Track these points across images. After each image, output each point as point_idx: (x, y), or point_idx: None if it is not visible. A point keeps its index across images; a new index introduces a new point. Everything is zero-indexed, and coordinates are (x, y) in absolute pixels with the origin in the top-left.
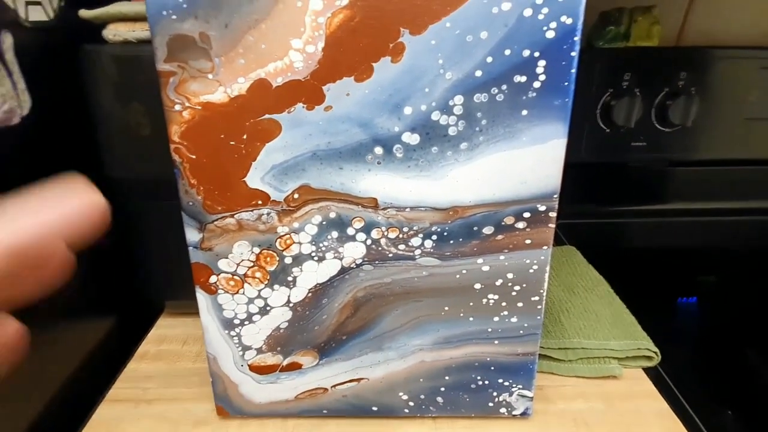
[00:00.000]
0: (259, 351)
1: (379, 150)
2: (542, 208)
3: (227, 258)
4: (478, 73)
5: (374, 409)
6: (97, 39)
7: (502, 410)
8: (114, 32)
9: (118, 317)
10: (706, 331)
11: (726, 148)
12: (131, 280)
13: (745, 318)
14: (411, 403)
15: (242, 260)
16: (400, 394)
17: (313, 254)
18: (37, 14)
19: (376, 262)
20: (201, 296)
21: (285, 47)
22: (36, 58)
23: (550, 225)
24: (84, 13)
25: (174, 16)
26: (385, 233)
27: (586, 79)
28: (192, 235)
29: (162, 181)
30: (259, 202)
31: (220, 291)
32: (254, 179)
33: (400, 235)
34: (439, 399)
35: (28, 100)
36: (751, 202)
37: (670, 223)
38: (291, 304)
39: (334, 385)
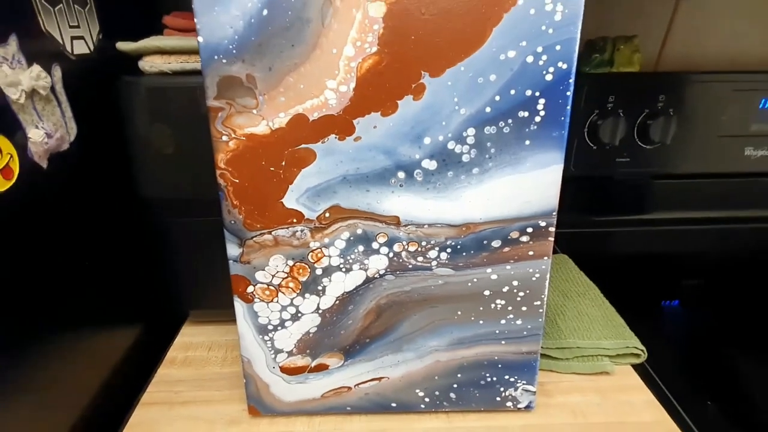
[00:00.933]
0: (290, 354)
1: (401, 174)
2: (543, 224)
3: (264, 270)
4: (488, 109)
5: (393, 405)
6: (132, 69)
7: (509, 404)
8: (150, 64)
9: (145, 326)
10: (688, 331)
11: (702, 163)
12: (158, 290)
13: (723, 318)
14: (427, 399)
15: (277, 272)
16: (417, 391)
17: (341, 266)
18: (81, 47)
19: (398, 272)
20: (238, 305)
21: (321, 87)
22: (79, 88)
23: (549, 238)
24: (122, 45)
25: (224, 60)
26: (406, 247)
27: (575, 101)
28: (233, 250)
29: (190, 200)
30: (294, 220)
31: (256, 300)
32: (290, 200)
33: (419, 249)
34: (452, 395)
35: (74, 127)
36: (726, 212)
37: (653, 232)
38: (320, 311)
39: (358, 384)
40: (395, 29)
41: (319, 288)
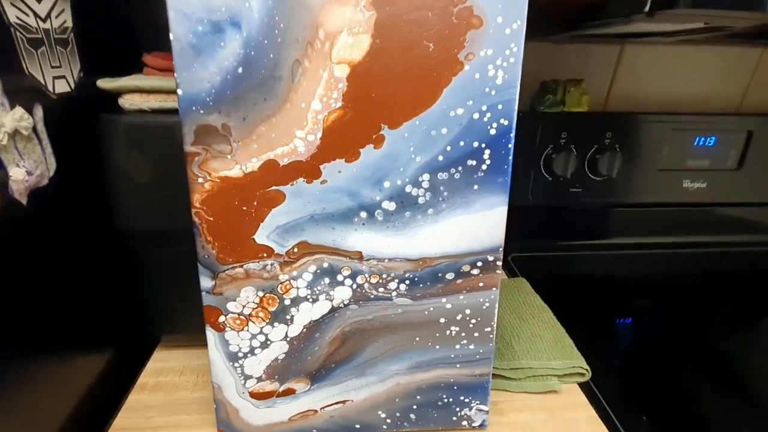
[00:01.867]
0: (259, 379)
1: (363, 214)
2: (491, 258)
3: (235, 301)
4: (441, 158)
5: (357, 426)
6: (112, 105)
7: (464, 423)
8: (130, 102)
9: (117, 351)
10: (634, 350)
11: (645, 194)
12: (130, 316)
13: (667, 337)
14: (389, 420)
15: (248, 302)
16: (380, 412)
17: (309, 297)
18: (62, 86)
19: (361, 302)
20: (210, 334)
21: (291, 136)
22: (59, 125)
23: (497, 271)
24: (103, 83)
25: (201, 111)
26: (368, 279)
27: (531, 137)
28: (206, 282)
29: (165, 231)
30: (265, 255)
31: (227, 329)
32: (261, 237)
33: (380, 281)
34: (412, 416)
35: (54, 162)
36: (668, 238)
37: (606, 256)
38: (288, 339)
39: (323, 407)
40: (358, 87)
41: (288, 317)
